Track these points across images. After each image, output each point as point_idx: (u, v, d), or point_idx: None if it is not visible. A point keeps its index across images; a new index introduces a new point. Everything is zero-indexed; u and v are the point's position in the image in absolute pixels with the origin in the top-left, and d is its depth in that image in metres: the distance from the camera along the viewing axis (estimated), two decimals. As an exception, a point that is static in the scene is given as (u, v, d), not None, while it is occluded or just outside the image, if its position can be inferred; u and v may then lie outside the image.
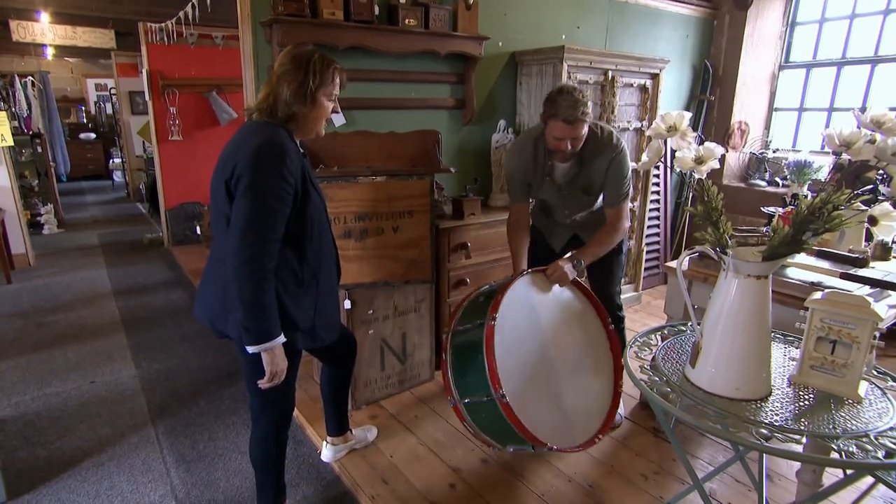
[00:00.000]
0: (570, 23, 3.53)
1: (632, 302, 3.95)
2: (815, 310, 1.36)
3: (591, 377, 2.11)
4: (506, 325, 1.95)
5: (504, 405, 1.80)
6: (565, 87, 2.08)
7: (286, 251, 1.54)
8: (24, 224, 4.99)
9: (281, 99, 1.51)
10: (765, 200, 3.96)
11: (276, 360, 1.54)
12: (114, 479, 2.19)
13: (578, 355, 2.11)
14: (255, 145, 1.44)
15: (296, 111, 1.53)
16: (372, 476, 2.16)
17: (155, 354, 3.29)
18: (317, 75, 1.52)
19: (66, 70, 10.42)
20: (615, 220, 2.27)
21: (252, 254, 1.42)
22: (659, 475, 2.17)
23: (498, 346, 1.87)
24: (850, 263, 2.04)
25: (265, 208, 1.42)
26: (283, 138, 1.49)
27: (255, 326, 1.46)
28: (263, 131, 1.49)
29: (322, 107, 1.57)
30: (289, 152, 1.47)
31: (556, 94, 2.07)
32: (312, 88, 1.52)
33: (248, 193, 1.42)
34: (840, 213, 1.18)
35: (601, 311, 2.19)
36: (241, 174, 1.43)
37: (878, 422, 1.24)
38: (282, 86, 1.51)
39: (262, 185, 1.42)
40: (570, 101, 2.02)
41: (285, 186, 1.45)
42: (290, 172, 1.46)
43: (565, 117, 2.03)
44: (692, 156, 1.30)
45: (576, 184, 2.29)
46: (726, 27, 4.35)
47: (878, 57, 3.85)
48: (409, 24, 2.74)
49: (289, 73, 1.51)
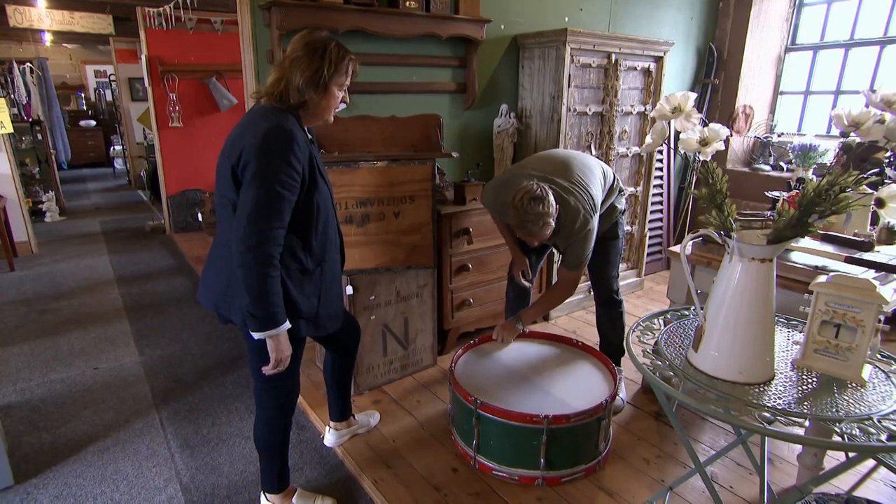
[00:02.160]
0: (574, 5, 3.47)
1: (634, 287, 3.94)
2: (819, 293, 1.35)
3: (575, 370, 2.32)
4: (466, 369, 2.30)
5: (483, 407, 1.99)
6: (527, 194, 1.98)
7: (292, 239, 1.54)
8: (26, 212, 4.99)
9: (293, 85, 1.49)
10: (769, 185, 3.93)
11: (280, 346, 1.54)
12: (119, 463, 2.21)
13: (554, 362, 2.38)
14: (264, 131, 1.43)
15: (307, 99, 1.51)
16: (375, 460, 2.17)
17: (158, 340, 3.31)
18: (332, 64, 1.50)
19: (65, 56, 10.35)
20: (568, 284, 2.30)
21: (258, 240, 1.41)
22: (661, 459, 2.18)
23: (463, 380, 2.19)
24: (855, 247, 2.02)
25: (272, 195, 1.42)
26: (292, 125, 1.48)
27: (260, 313, 1.46)
28: (272, 117, 1.47)
29: (333, 96, 1.56)
30: (297, 139, 1.45)
31: (518, 202, 1.99)
32: (326, 77, 1.50)
33: (255, 180, 1.41)
34: (847, 196, 1.17)
35: (565, 339, 2.53)
36: (249, 160, 1.42)
37: (882, 405, 1.24)
38: (295, 72, 1.49)
39: (270, 171, 1.41)
40: (531, 216, 1.98)
41: (292, 174, 1.44)
42: (298, 160, 1.45)
43: (530, 231, 2.03)
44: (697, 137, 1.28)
45: (545, 246, 2.47)
46: (732, 9, 4.28)
47: (888, 38, 3.78)
48: (410, 6, 2.71)
49: (303, 59, 1.49)
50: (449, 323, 2.97)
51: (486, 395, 2.09)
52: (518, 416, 1.94)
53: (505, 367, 2.34)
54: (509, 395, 2.12)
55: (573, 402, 2.07)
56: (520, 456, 2.00)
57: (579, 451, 2.04)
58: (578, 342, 2.49)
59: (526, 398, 2.11)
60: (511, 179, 2.20)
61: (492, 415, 1.98)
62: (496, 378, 2.25)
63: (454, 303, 2.95)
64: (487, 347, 2.50)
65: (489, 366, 2.35)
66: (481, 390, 2.13)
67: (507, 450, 2.02)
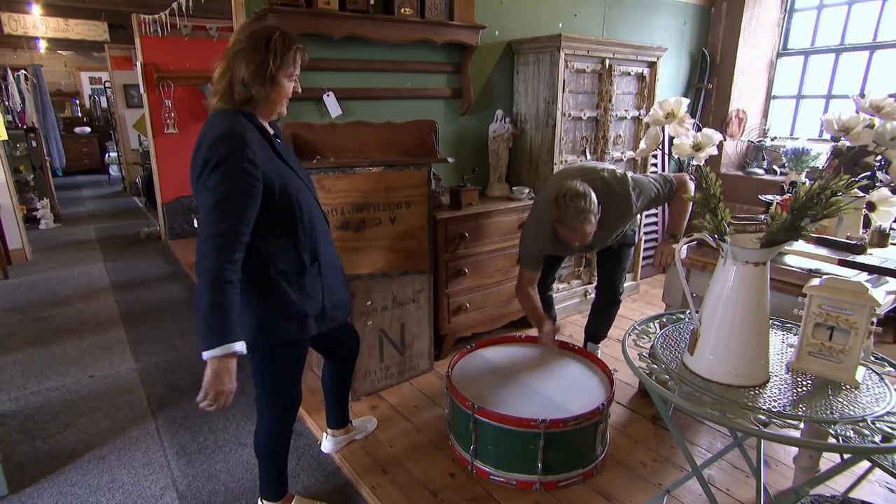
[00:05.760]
0: (567, 11, 3.50)
1: (630, 291, 3.95)
2: (813, 296, 1.36)
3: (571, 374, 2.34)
4: (463, 374, 2.31)
5: (480, 411, 1.99)
6: (570, 191, 2.07)
7: (279, 241, 1.50)
8: (21, 219, 4.97)
9: (238, 79, 1.41)
10: (762, 188, 3.95)
11: (223, 374, 1.34)
12: (115, 471, 2.20)
13: (550, 366, 2.39)
14: (212, 139, 1.37)
15: (254, 93, 1.43)
16: (372, 466, 2.16)
17: (153, 348, 3.29)
18: (278, 55, 1.42)
19: (60, 63, 10.33)
20: (681, 197, 2.39)
21: (216, 245, 1.32)
22: (658, 462, 2.18)
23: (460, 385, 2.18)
24: (847, 250, 2.04)
25: (228, 201, 1.34)
26: (243, 127, 1.41)
27: (209, 324, 1.32)
28: (222, 123, 1.41)
29: (282, 87, 1.48)
30: (248, 141, 1.38)
31: (561, 198, 2.07)
32: (273, 70, 1.42)
33: (211, 188, 1.35)
34: (838, 199, 1.18)
35: (561, 343, 2.51)
36: (203, 169, 1.37)
37: (876, 406, 1.25)
38: (239, 65, 1.41)
39: (224, 178, 1.34)
40: (574, 210, 2.05)
41: (247, 178, 1.36)
42: (252, 162, 1.38)
43: (569, 226, 2.08)
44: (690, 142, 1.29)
45: (602, 236, 2.33)
46: (724, 14, 4.32)
47: (877, 43, 3.83)
48: (405, 13, 2.72)
49: (246, 51, 1.41)
50: (445, 328, 2.97)
51: (483, 399, 2.09)
52: (515, 420, 1.95)
53: (502, 372, 2.34)
54: (506, 399, 2.13)
55: (570, 405, 2.07)
56: (517, 460, 2.00)
57: (576, 455, 2.04)
58: (575, 346, 2.50)
59: (523, 402, 2.11)
60: (548, 195, 2.25)
61: (489, 419, 1.98)
62: (493, 383, 2.25)
63: (450, 307, 2.95)
64: (484, 352, 2.50)
65: (486, 370, 2.35)
66: (478, 395, 2.13)
67: (505, 454, 2.02)
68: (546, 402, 2.12)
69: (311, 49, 2.62)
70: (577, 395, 2.16)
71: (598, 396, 2.14)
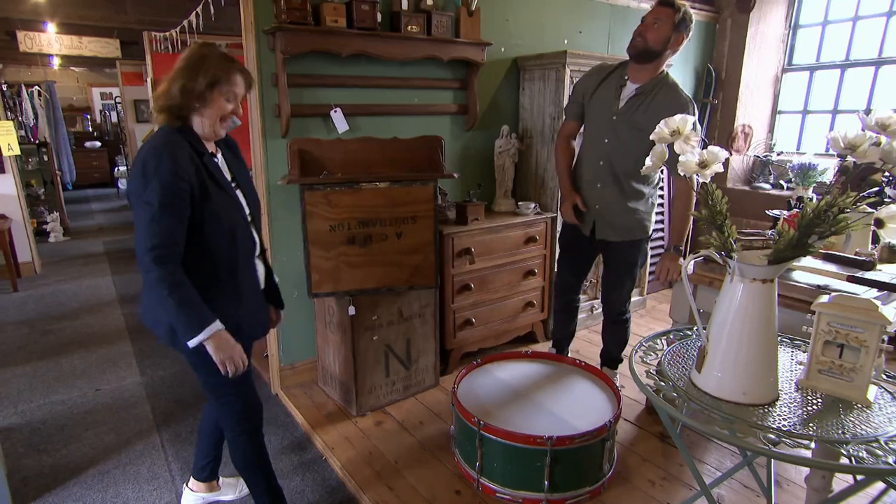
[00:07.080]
0: (573, 27, 3.53)
1: (637, 306, 3.93)
2: (822, 313, 1.35)
3: (578, 390, 2.33)
4: (469, 390, 2.30)
5: (486, 428, 1.98)
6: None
7: (198, 252, 1.52)
8: (31, 232, 5.02)
9: (172, 94, 1.48)
10: (769, 203, 3.94)
11: (222, 345, 1.50)
12: (119, 486, 2.19)
13: (557, 382, 2.38)
14: (142, 155, 1.45)
15: (186, 112, 1.51)
16: (376, 481, 2.15)
17: (160, 361, 3.30)
18: (209, 73, 1.48)
19: (72, 79, 10.52)
20: (685, 190, 2.39)
21: (153, 258, 1.41)
22: (666, 481, 2.15)
23: (465, 400, 2.18)
24: (856, 266, 2.02)
25: (156, 216, 1.41)
26: (174, 143, 1.46)
27: (182, 318, 1.45)
28: (155, 139, 1.48)
29: (215, 106, 1.52)
30: (176, 157, 1.43)
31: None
32: (202, 87, 1.48)
33: (140, 204, 1.43)
34: (846, 216, 1.17)
35: (567, 359, 2.54)
36: (134, 186, 1.45)
37: (889, 426, 1.23)
38: (174, 83, 1.48)
39: (149, 193, 1.41)
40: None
41: (177, 192, 1.43)
42: (179, 176, 1.43)
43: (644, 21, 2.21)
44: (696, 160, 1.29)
45: (632, 114, 2.29)
46: (729, 30, 4.34)
47: (882, 59, 3.83)
48: (411, 30, 2.75)
49: (181, 70, 1.49)
50: (451, 343, 2.97)
51: (489, 415, 2.08)
52: (521, 437, 1.93)
53: (508, 388, 2.32)
54: (512, 415, 2.11)
55: (577, 422, 2.05)
56: (523, 478, 1.98)
57: (584, 473, 2.01)
58: (581, 362, 2.48)
59: (529, 419, 2.09)
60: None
61: (495, 436, 1.97)
62: (499, 398, 2.24)
63: (456, 322, 2.95)
64: (490, 367, 2.49)
65: (492, 386, 2.34)
66: (484, 411, 2.12)
67: (511, 472, 2.00)
68: (553, 418, 2.10)
69: (320, 66, 2.66)
70: (584, 411, 2.14)
71: (606, 413, 2.12)
